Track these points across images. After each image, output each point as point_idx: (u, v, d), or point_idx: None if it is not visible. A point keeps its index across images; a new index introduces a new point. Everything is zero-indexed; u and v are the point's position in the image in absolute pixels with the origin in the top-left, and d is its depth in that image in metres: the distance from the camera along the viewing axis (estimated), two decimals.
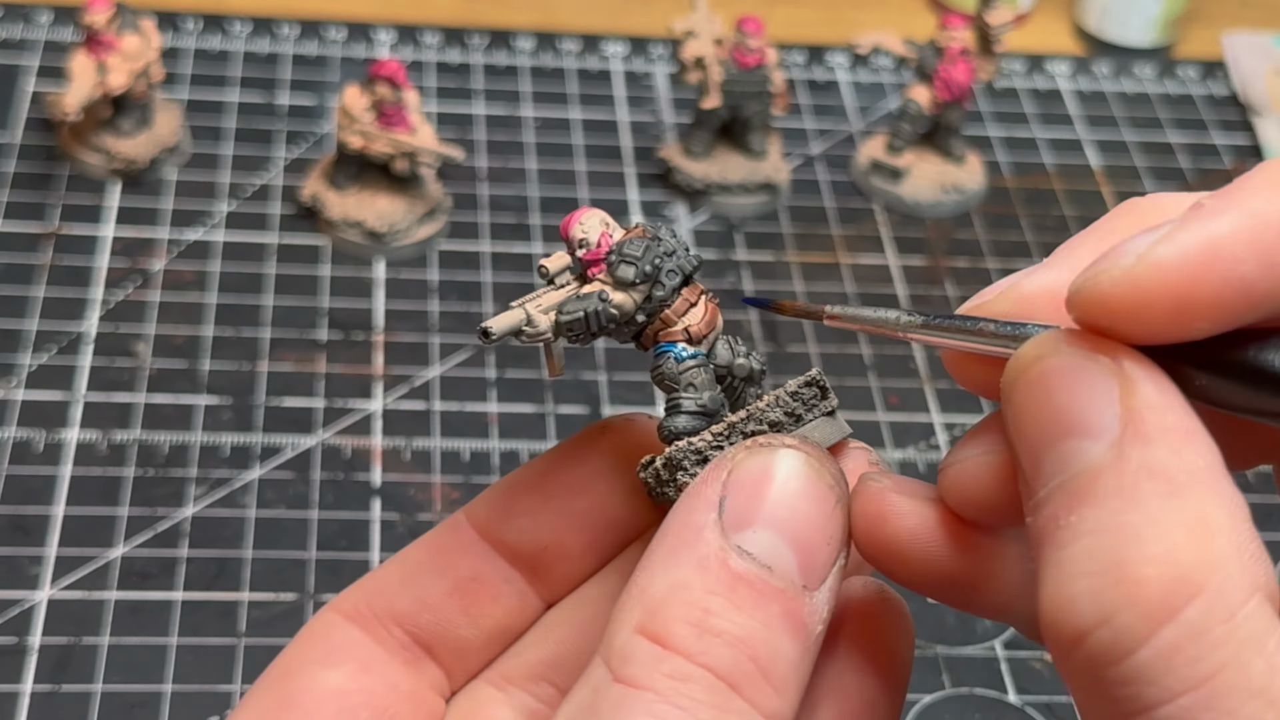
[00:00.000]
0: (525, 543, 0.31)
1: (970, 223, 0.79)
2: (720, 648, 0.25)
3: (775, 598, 0.25)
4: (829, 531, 0.26)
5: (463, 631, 0.31)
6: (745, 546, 0.26)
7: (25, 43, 0.83)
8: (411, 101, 0.71)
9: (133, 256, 0.71)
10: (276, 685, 0.31)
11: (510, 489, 0.32)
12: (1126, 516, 0.22)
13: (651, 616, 0.25)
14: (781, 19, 0.89)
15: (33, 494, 0.60)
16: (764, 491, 0.26)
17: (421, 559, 0.32)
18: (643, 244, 0.30)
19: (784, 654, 0.25)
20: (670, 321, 0.30)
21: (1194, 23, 0.94)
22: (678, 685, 0.24)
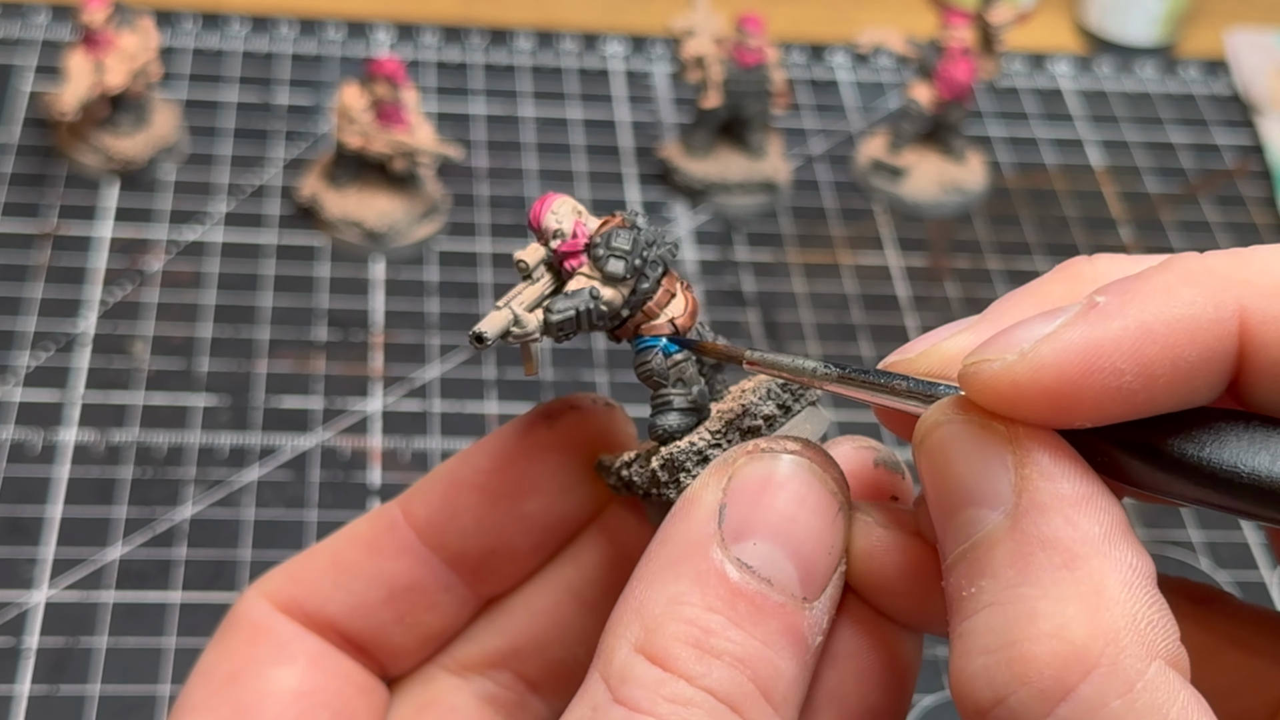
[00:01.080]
0: (471, 548, 0.30)
1: (971, 222, 0.78)
2: (720, 669, 0.24)
3: (775, 613, 0.25)
4: (829, 541, 0.26)
5: (396, 639, 0.31)
6: (745, 559, 0.25)
7: (22, 41, 0.82)
8: (410, 101, 0.71)
9: (130, 256, 0.71)
10: (229, 688, 0.30)
11: (452, 489, 0.31)
12: (1021, 589, 0.22)
13: (651, 635, 0.25)
14: (782, 17, 0.88)
15: (30, 495, 0.60)
16: (765, 500, 0.26)
17: (357, 559, 0.31)
18: (629, 236, 0.29)
19: (783, 672, 0.25)
20: (653, 314, 0.29)
21: (1196, 21, 0.94)
22: (678, 709, 0.24)
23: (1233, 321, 0.23)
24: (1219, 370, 0.23)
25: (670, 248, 0.29)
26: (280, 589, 0.31)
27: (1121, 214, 0.80)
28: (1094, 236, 0.78)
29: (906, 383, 0.26)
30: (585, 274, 0.29)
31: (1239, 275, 0.23)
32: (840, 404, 0.67)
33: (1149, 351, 0.23)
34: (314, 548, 0.31)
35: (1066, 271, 0.27)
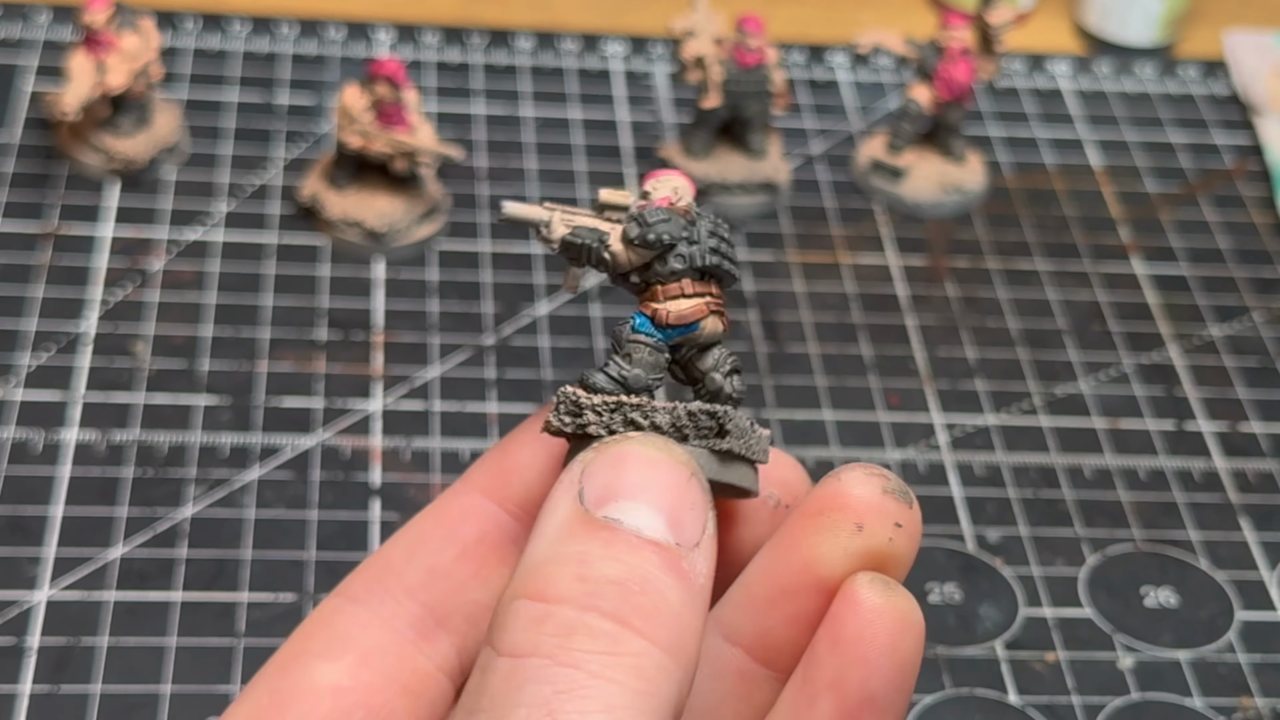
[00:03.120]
0: (533, 494, 0.31)
1: (971, 222, 0.78)
2: (604, 586, 0.24)
3: (651, 548, 0.25)
4: (691, 498, 0.26)
5: (476, 595, 0.31)
6: (611, 515, 0.25)
7: (24, 42, 0.82)
8: (411, 101, 0.71)
9: (131, 256, 0.71)
10: (274, 678, 0.30)
11: (507, 450, 0.31)
12: None
13: (529, 580, 0.25)
14: (782, 18, 0.88)
15: (31, 494, 0.60)
16: (619, 472, 0.26)
17: (425, 530, 0.31)
18: (664, 216, 0.30)
19: (672, 591, 0.25)
20: (655, 297, 0.31)
21: (1195, 22, 0.94)
22: (563, 641, 0.24)
23: None
24: None
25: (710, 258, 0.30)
26: (357, 580, 0.32)
27: (1120, 214, 0.80)
28: (1093, 236, 0.79)
29: None
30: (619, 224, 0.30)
31: None
32: (841, 406, 0.67)
33: None
34: (388, 539, 0.32)
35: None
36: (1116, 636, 0.60)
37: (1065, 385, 0.70)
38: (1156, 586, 0.62)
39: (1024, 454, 0.66)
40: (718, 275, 0.31)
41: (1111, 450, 0.67)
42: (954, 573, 0.61)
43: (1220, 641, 0.60)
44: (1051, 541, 0.63)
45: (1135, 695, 0.57)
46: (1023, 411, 0.68)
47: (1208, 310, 0.75)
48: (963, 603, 0.60)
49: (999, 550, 0.62)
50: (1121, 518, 0.64)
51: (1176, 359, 0.72)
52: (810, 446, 0.65)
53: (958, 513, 0.63)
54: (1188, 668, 0.59)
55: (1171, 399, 0.70)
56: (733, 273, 0.31)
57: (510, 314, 0.70)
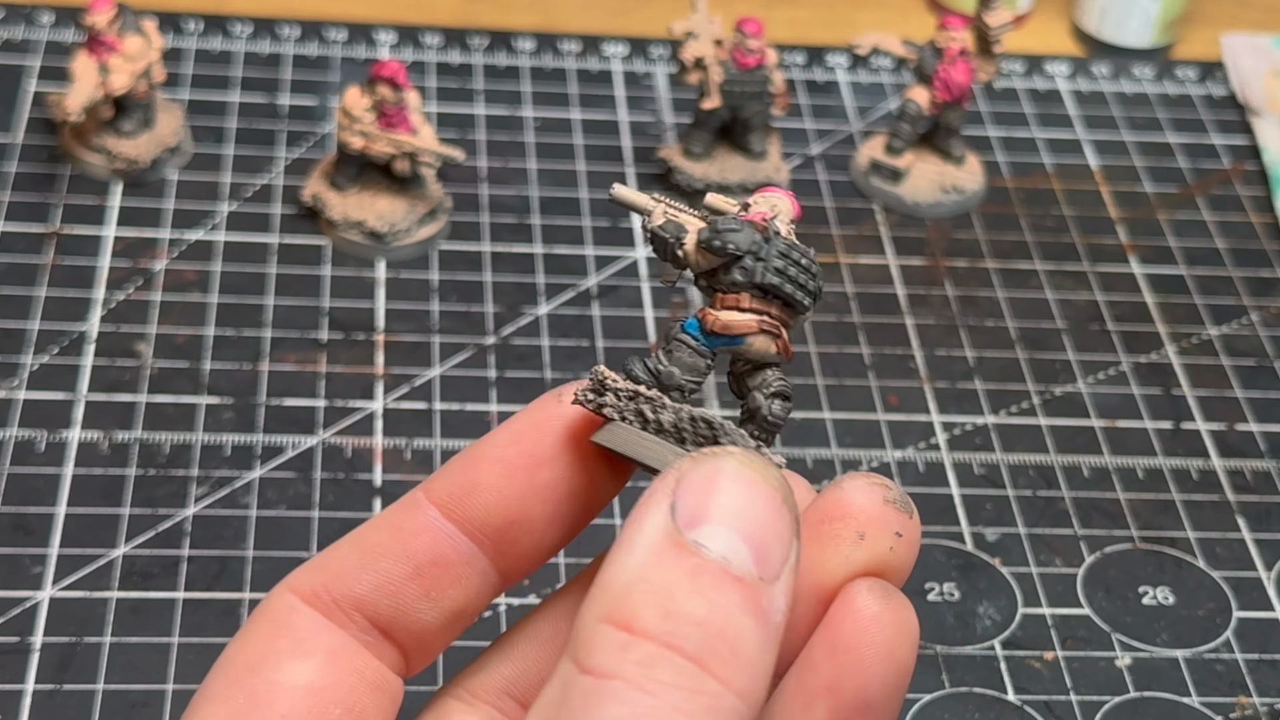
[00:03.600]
0: (491, 519, 0.31)
1: (970, 223, 0.79)
2: (687, 628, 0.25)
3: (735, 584, 0.25)
4: (778, 528, 0.26)
5: (423, 615, 0.31)
6: (700, 541, 0.26)
7: (27, 43, 0.83)
8: (412, 102, 0.71)
9: (134, 257, 0.71)
10: (246, 679, 0.30)
11: (471, 465, 0.31)
12: None
13: (615, 606, 0.25)
14: (781, 20, 0.89)
15: (34, 494, 0.60)
16: (712, 492, 0.26)
17: (380, 540, 0.31)
18: (736, 226, 0.30)
19: (750, 635, 0.25)
20: (714, 304, 0.31)
21: (1192, 24, 0.94)
22: (646, 671, 0.24)
23: None
24: None
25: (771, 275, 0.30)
26: (307, 579, 0.31)
27: (1118, 214, 0.81)
28: (1091, 237, 0.79)
29: None
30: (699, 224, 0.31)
31: None
32: (840, 406, 0.68)
33: None
34: (341, 539, 0.32)
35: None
36: (1114, 635, 0.60)
37: (1063, 385, 0.70)
38: (1154, 585, 0.62)
39: (1022, 453, 0.67)
40: (781, 297, 0.31)
41: (1109, 450, 0.67)
42: (952, 572, 0.61)
43: (1218, 640, 0.60)
44: (1050, 540, 0.63)
45: (1133, 694, 0.58)
46: (1021, 411, 0.69)
47: (1205, 310, 0.75)
48: (961, 601, 0.60)
49: (997, 549, 0.62)
50: (1119, 517, 0.64)
51: (1174, 359, 0.72)
52: (810, 446, 0.66)
53: (956, 512, 0.64)
54: (1185, 666, 0.59)
55: (1169, 399, 0.70)
56: (796, 298, 0.31)
57: (511, 314, 0.70)
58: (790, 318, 0.31)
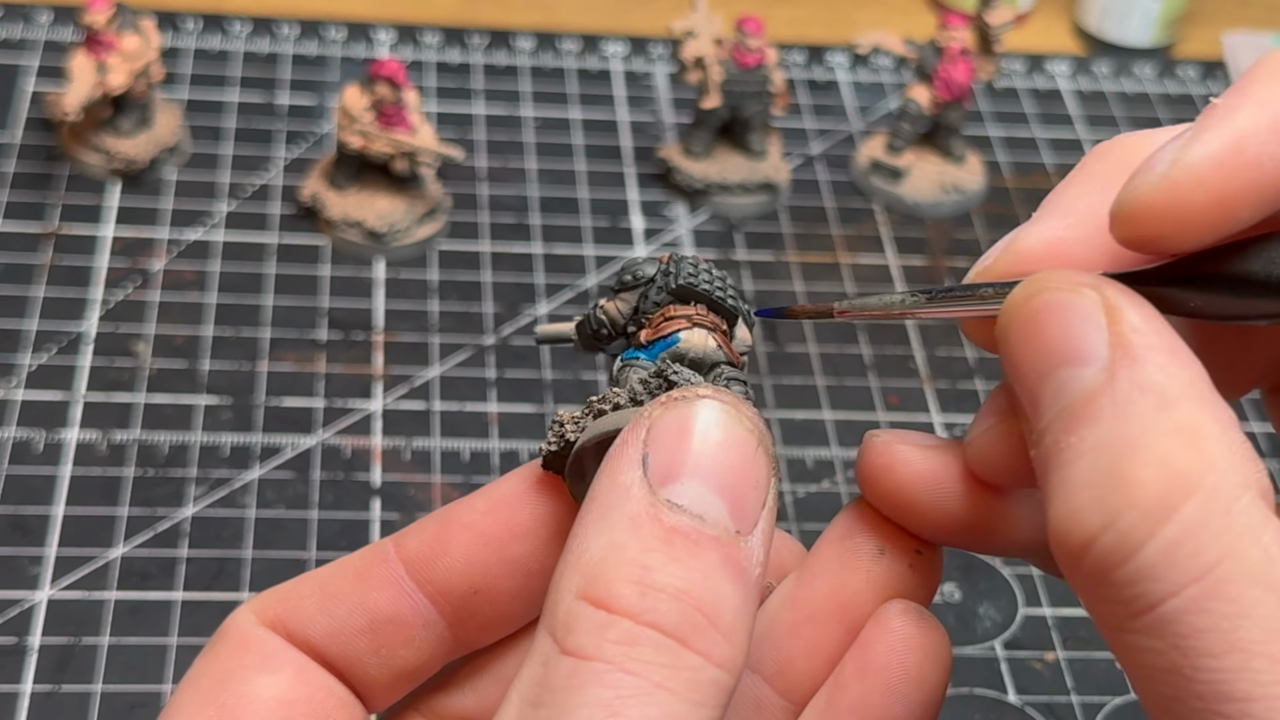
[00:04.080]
0: (455, 584, 0.31)
1: (970, 223, 0.79)
2: (665, 603, 0.25)
3: (711, 545, 0.25)
4: (754, 475, 0.26)
5: (371, 670, 0.31)
6: (675, 499, 0.25)
7: (25, 42, 0.83)
8: (411, 101, 0.71)
9: (132, 256, 0.71)
10: (216, 692, 0.30)
11: (445, 527, 0.31)
12: (1123, 430, 0.24)
13: (592, 581, 0.25)
14: (781, 19, 0.89)
15: (33, 494, 0.60)
16: (685, 443, 0.26)
17: (343, 586, 0.31)
18: (640, 260, 0.31)
19: (728, 600, 0.25)
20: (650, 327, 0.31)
21: (1194, 22, 0.94)
22: (626, 650, 0.24)
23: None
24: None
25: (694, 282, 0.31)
26: (268, 608, 0.31)
27: None
28: None
29: (992, 288, 0.27)
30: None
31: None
32: (841, 406, 0.67)
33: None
34: (306, 574, 0.32)
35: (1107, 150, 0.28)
36: None
37: None
38: None
39: None
40: (703, 300, 0.31)
41: None
42: (953, 572, 0.61)
43: None
44: None
45: (1134, 695, 0.58)
46: None
47: None
48: (962, 602, 0.60)
49: None
50: None
51: None
52: (810, 446, 0.66)
53: None
54: None
55: None
56: (716, 296, 0.31)
57: (510, 314, 0.70)
58: (722, 322, 0.31)
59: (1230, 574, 0.22)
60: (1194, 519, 0.23)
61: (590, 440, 0.29)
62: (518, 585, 0.31)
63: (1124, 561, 0.23)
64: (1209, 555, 0.22)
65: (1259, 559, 0.22)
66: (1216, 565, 0.22)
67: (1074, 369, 0.25)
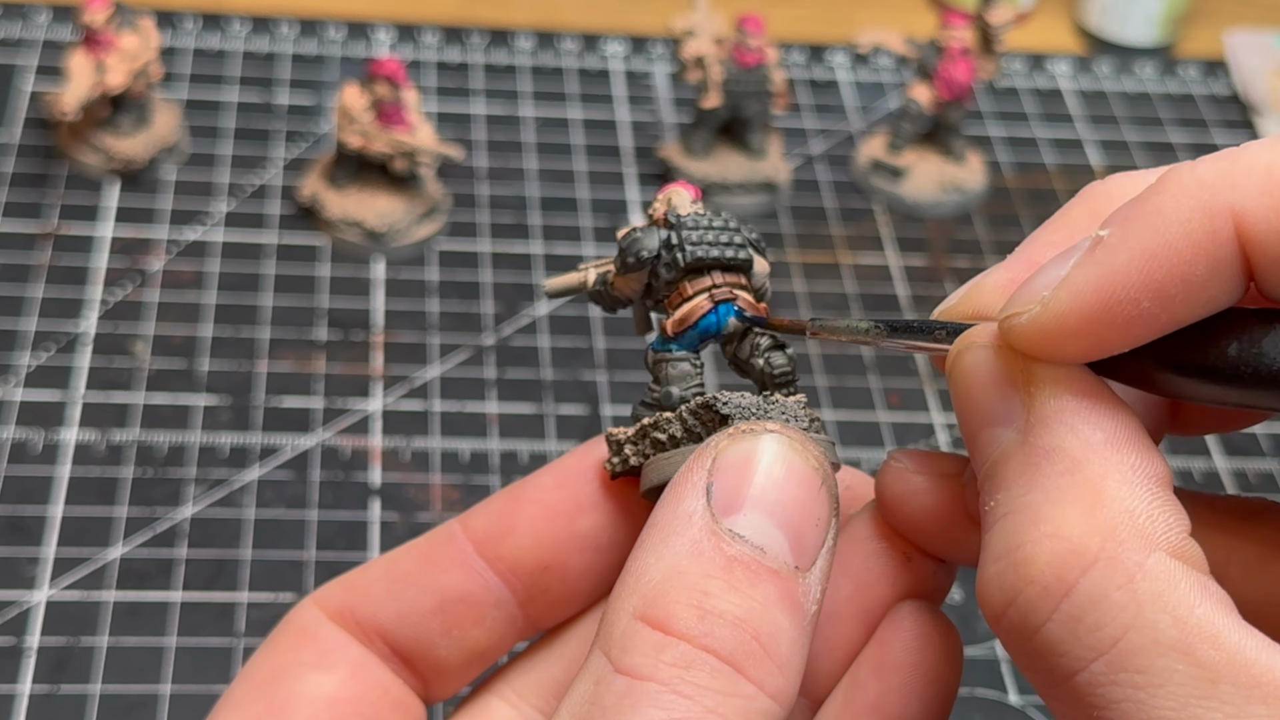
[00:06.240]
0: (525, 561, 0.31)
1: (971, 222, 0.78)
2: (722, 629, 0.25)
3: (770, 578, 0.25)
4: (816, 513, 0.26)
5: (442, 651, 0.31)
6: (736, 530, 0.25)
7: (23, 42, 0.82)
8: (411, 101, 0.71)
9: (131, 256, 0.71)
10: (268, 687, 0.30)
11: (512, 504, 0.31)
12: (1027, 497, 0.24)
13: (650, 603, 0.25)
14: (781, 18, 0.88)
15: (31, 494, 0.60)
16: (750, 476, 0.26)
17: (411, 569, 0.31)
18: (636, 235, 0.30)
19: (784, 632, 0.25)
20: (667, 312, 0.30)
21: (1195, 21, 0.94)
22: (681, 673, 0.24)
23: (1228, 229, 0.23)
24: (1231, 276, 0.24)
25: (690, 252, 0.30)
26: (334, 596, 0.31)
27: None
28: None
29: (945, 329, 0.27)
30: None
31: (1228, 180, 0.24)
32: (841, 406, 0.67)
33: (1158, 276, 0.23)
34: (372, 561, 0.32)
35: (1086, 196, 0.28)
36: None
37: None
38: None
39: None
40: (716, 265, 0.30)
41: None
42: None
43: None
44: None
45: None
46: None
47: None
48: (963, 603, 0.60)
49: None
50: None
51: None
52: None
53: None
54: None
55: None
56: (727, 256, 0.30)
57: (510, 314, 0.70)
58: (740, 278, 0.31)
59: (1137, 645, 0.22)
60: (1092, 593, 0.22)
61: (652, 487, 0.29)
62: (587, 561, 0.31)
63: (1030, 637, 0.23)
64: (1112, 629, 0.22)
65: (1168, 626, 0.22)
66: (1121, 638, 0.22)
67: (996, 429, 0.25)
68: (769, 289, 0.32)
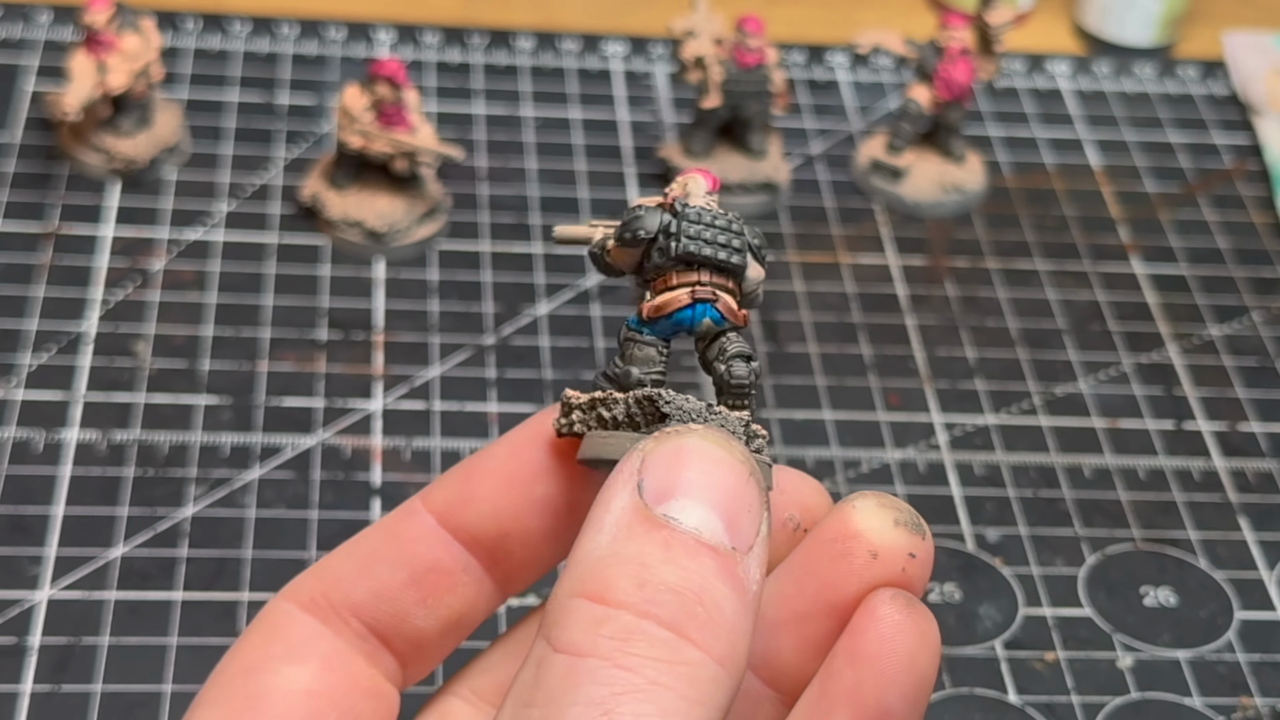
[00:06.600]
0: (486, 528, 0.31)
1: (970, 222, 0.79)
2: (663, 594, 0.24)
3: (709, 553, 0.25)
4: (748, 499, 0.26)
5: (419, 622, 0.31)
6: (670, 514, 0.25)
7: (25, 42, 0.83)
8: (411, 101, 0.71)
9: (132, 256, 0.71)
10: (240, 683, 0.30)
11: (470, 476, 0.31)
12: None
13: (586, 578, 0.25)
14: (781, 18, 0.88)
15: (32, 494, 0.60)
16: (679, 467, 0.26)
17: (376, 548, 0.31)
18: (640, 213, 0.30)
19: (728, 600, 0.25)
20: (652, 293, 0.31)
21: (1194, 22, 0.94)
22: (622, 645, 0.24)
23: None
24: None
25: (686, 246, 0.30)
26: (305, 587, 0.31)
27: (1120, 214, 0.80)
28: (1092, 236, 0.79)
29: None
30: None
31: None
32: (841, 406, 0.67)
33: None
34: (338, 547, 0.32)
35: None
36: (1116, 636, 0.60)
37: (1065, 385, 0.70)
38: (1156, 586, 0.62)
39: (1023, 454, 0.66)
40: (707, 263, 0.30)
41: (1111, 450, 0.67)
42: (953, 572, 0.61)
43: (1219, 641, 0.60)
44: (1051, 541, 0.63)
45: (1135, 695, 0.58)
46: (1022, 411, 0.69)
47: (1207, 310, 0.75)
48: (962, 602, 0.60)
49: (998, 550, 0.62)
50: (1121, 517, 0.64)
51: (1176, 359, 0.72)
52: (810, 446, 0.65)
53: (957, 512, 0.63)
54: (1187, 667, 0.59)
55: (1171, 399, 0.70)
56: (719, 259, 0.30)
57: (510, 314, 0.70)
58: (729, 281, 0.31)
59: None
60: None
61: (586, 459, 0.30)
62: (546, 524, 0.31)
63: None
64: None
65: None
66: None
67: None
68: (761, 295, 0.32)
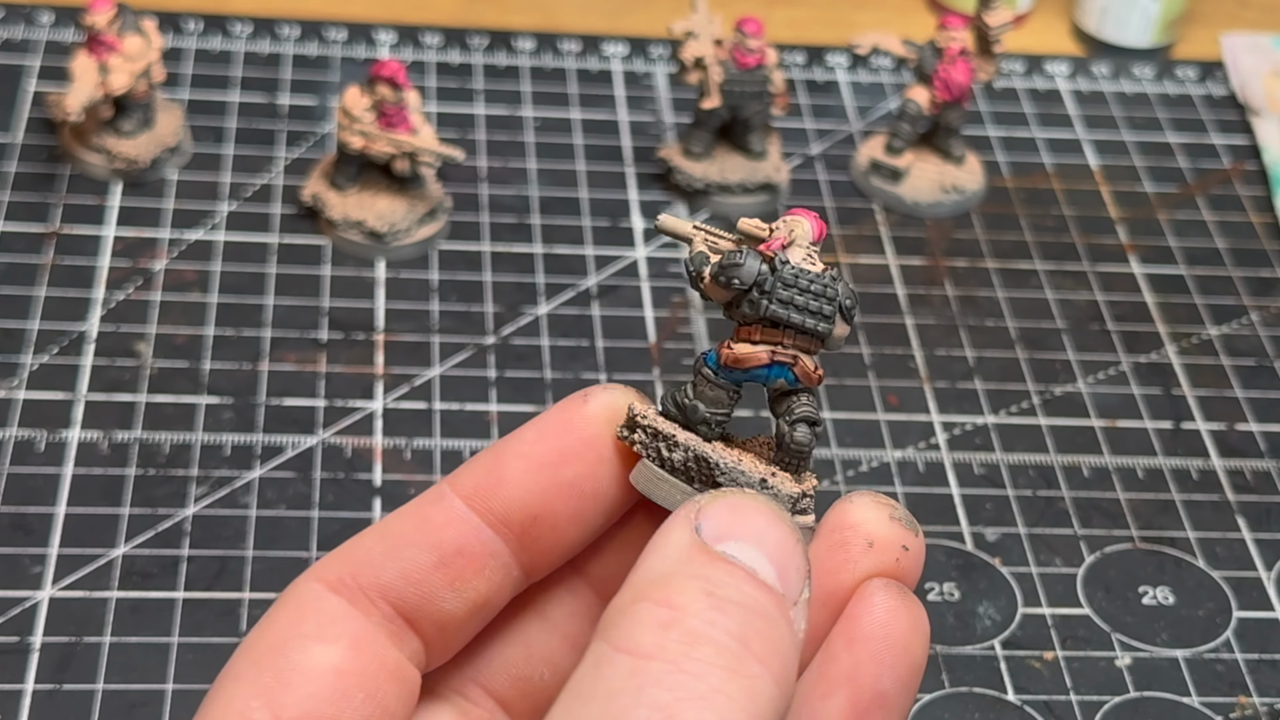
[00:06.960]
0: (514, 512, 0.31)
1: (970, 223, 0.79)
2: (731, 608, 0.25)
3: (765, 589, 0.26)
4: (797, 559, 0.27)
5: (447, 605, 0.31)
6: (729, 552, 0.26)
7: (27, 43, 0.83)
8: (412, 102, 0.71)
9: (134, 257, 0.71)
10: (269, 659, 0.30)
11: (498, 460, 0.32)
12: None
13: (653, 588, 0.25)
14: (781, 19, 0.89)
15: (34, 494, 0.60)
16: (736, 518, 0.27)
17: (406, 530, 0.32)
18: (741, 261, 0.30)
19: (783, 628, 0.26)
20: (736, 334, 0.31)
21: (1192, 23, 0.94)
22: (688, 649, 0.24)
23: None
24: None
25: (776, 310, 0.30)
26: (333, 567, 0.32)
27: (1118, 214, 0.81)
28: (1091, 237, 0.79)
29: None
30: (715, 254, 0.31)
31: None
32: (841, 406, 0.68)
33: None
34: (366, 529, 0.32)
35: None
36: (1114, 635, 0.60)
37: (1063, 385, 0.70)
38: (1154, 585, 0.62)
39: (1022, 453, 0.67)
40: (794, 330, 0.31)
41: (1109, 450, 0.67)
42: (952, 571, 0.61)
43: (1218, 640, 0.60)
44: (1050, 540, 0.63)
45: (1133, 693, 0.58)
46: (1021, 411, 0.69)
47: (1205, 310, 0.75)
48: (961, 601, 0.60)
49: (997, 549, 0.62)
50: (1119, 517, 0.64)
51: (1174, 359, 0.72)
52: None
53: (956, 512, 0.64)
54: (1185, 666, 0.59)
55: (1169, 398, 0.70)
56: (806, 325, 0.31)
57: (511, 314, 0.70)
58: (811, 344, 0.31)
59: None
60: None
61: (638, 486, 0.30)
62: (573, 507, 0.32)
63: None
64: None
65: None
66: None
67: None
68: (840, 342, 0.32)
